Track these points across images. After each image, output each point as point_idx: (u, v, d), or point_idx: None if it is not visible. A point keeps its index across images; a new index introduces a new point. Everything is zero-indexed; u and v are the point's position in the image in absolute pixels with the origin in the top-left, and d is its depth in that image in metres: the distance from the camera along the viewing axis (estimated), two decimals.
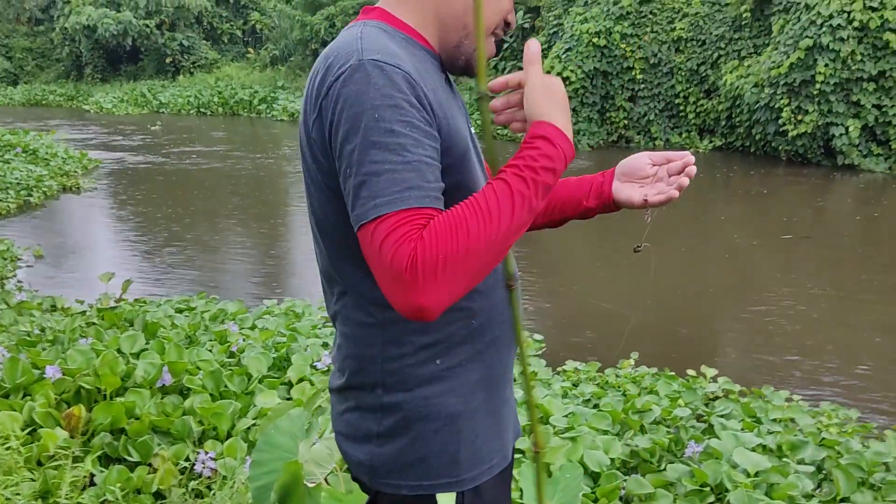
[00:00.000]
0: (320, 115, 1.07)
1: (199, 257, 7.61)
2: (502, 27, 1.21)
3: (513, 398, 1.33)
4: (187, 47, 28.07)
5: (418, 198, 0.99)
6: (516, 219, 1.01)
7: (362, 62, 1.03)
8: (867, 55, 11.79)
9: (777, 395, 3.71)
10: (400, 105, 1.01)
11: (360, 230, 1.01)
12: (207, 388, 3.16)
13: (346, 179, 1.04)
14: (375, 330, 1.14)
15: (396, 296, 0.98)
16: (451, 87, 1.24)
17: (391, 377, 1.15)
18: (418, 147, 1.01)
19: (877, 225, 9.10)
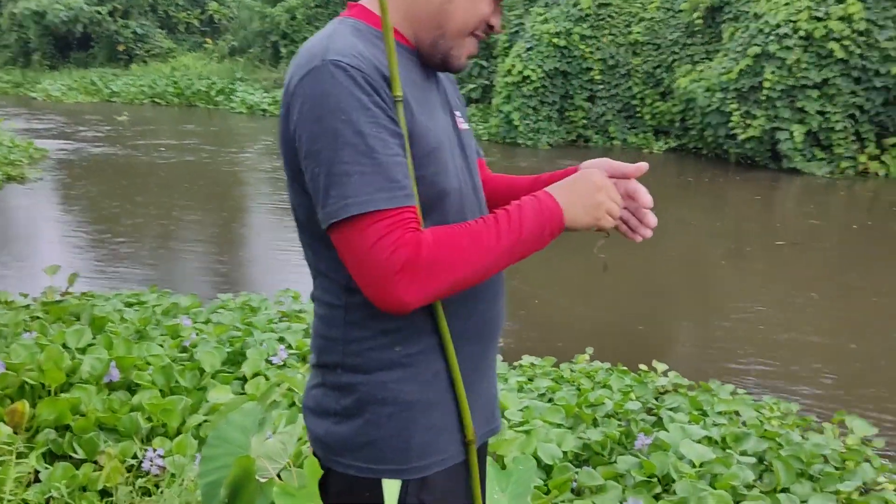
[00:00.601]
0: (288, 112, 1.11)
1: (152, 251, 7.47)
2: (483, 29, 1.22)
3: (489, 393, 1.32)
4: (141, 35, 27.43)
5: (388, 199, 1.04)
6: (502, 256, 1.10)
7: (325, 62, 1.06)
8: (812, 63, 12.15)
9: (723, 388, 3.81)
10: (366, 106, 1.04)
11: (332, 229, 1.07)
12: (157, 383, 3.11)
13: (313, 178, 1.07)
14: (340, 312, 1.17)
15: (380, 291, 1.05)
16: (435, 82, 1.26)
17: (351, 359, 1.18)
18: (386, 147, 1.05)
19: (820, 226, 9.39)
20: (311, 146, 1.06)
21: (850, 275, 7.16)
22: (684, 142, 14.56)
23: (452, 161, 1.21)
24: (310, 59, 1.09)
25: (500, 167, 12.93)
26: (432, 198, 1.14)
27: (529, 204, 1.13)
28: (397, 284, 1.03)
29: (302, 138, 1.07)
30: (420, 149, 1.12)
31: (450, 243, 1.06)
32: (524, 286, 6.42)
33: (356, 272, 1.07)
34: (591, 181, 1.17)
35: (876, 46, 12.03)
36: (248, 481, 1.73)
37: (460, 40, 1.20)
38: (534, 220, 1.11)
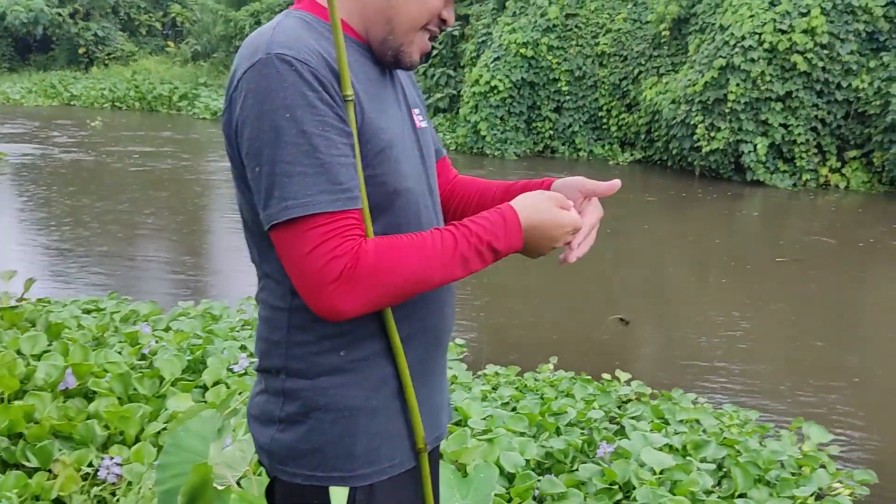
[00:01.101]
0: (230, 107, 1.07)
1: (112, 258, 7.33)
2: (437, 23, 1.18)
3: (440, 398, 1.30)
4: (102, 38, 27.01)
5: (331, 201, 1.01)
6: (447, 274, 1.08)
7: (270, 56, 1.02)
8: (776, 76, 12.41)
9: (685, 397, 3.86)
10: (312, 103, 1.01)
11: (273, 230, 1.04)
12: (115, 391, 3.04)
13: (255, 177, 1.04)
14: (284, 314, 1.14)
15: (313, 295, 1.03)
16: (390, 78, 1.22)
17: (294, 363, 1.15)
18: (331, 147, 1.02)
19: (784, 236, 9.58)
20: (254, 143, 1.02)
21: (811, 285, 7.31)
22: (650, 154, 14.76)
23: (407, 160, 1.17)
24: (254, 51, 1.04)
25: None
26: (383, 198, 1.11)
27: (490, 227, 1.10)
28: (332, 294, 1.01)
29: (244, 135, 1.03)
30: (371, 147, 1.09)
31: (391, 256, 1.04)
32: (488, 294, 6.43)
33: (293, 276, 1.05)
34: (561, 225, 1.15)
35: (838, 60, 12.35)
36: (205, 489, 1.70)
37: (411, 36, 1.16)
38: (488, 245, 1.09)
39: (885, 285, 7.60)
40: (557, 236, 1.15)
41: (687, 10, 14.35)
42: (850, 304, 6.83)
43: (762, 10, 12.40)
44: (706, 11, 13.93)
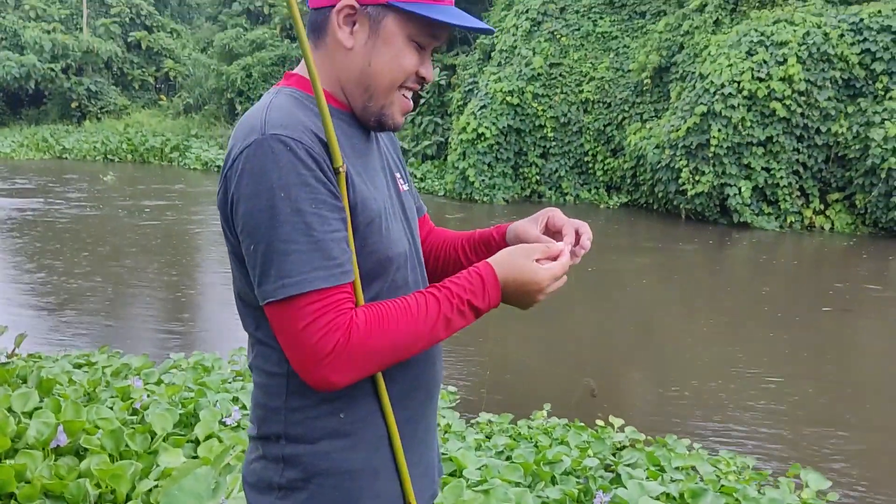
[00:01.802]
0: (225, 185, 1.09)
1: (103, 311, 7.30)
2: (415, 81, 1.20)
3: (433, 455, 1.32)
4: (95, 92, 27.32)
5: (325, 278, 1.04)
6: (433, 336, 1.11)
7: (265, 137, 1.05)
8: (756, 122, 12.68)
9: (679, 443, 3.84)
10: (306, 182, 1.04)
11: (269, 307, 1.06)
12: (106, 448, 3.01)
13: (251, 254, 1.07)
14: (281, 380, 1.15)
15: (307, 369, 1.06)
16: (374, 143, 1.26)
17: (294, 428, 1.15)
18: (324, 224, 1.05)
19: (772, 279, 9.66)
20: (249, 221, 1.05)
21: (802, 328, 7.35)
22: (636, 197, 14.94)
23: (395, 227, 1.21)
24: (249, 131, 1.07)
25: (457, 223, 13.06)
26: (375, 265, 1.15)
27: (469, 286, 1.13)
28: (326, 367, 1.04)
29: (240, 212, 1.06)
30: (362, 218, 1.12)
31: (381, 327, 1.06)
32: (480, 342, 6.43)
33: (287, 350, 1.07)
34: (535, 281, 1.16)
35: (816, 106, 12.64)
36: None
37: (390, 97, 1.18)
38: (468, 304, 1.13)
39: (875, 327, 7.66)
40: (535, 292, 1.17)
41: (667, 60, 14.71)
42: (842, 347, 6.87)
43: (740, 60, 12.73)
44: (686, 61, 14.28)
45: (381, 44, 1.14)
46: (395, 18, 1.14)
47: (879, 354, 6.70)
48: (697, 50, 14.07)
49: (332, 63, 1.17)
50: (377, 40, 1.14)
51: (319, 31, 1.17)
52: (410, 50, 1.16)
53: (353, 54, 1.15)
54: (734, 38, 13.15)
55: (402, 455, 1.19)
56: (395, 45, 1.15)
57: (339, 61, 1.17)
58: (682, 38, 14.59)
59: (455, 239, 1.46)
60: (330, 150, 1.08)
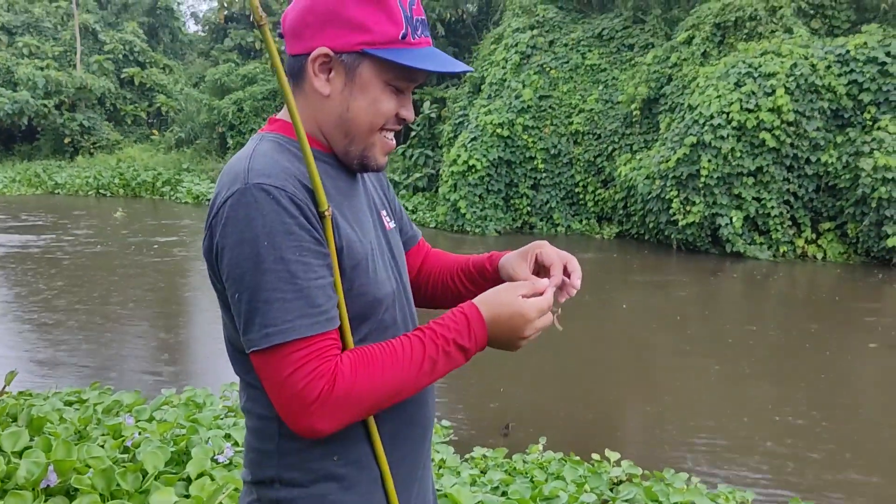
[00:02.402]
0: (210, 234, 1.09)
1: (94, 347, 7.24)
2: (395, 122, 1.20)
3: (426, 495, 1.31)
4: (88, 128, 27.41)
5: (309, 325, 1.04)
6: (420, 380, 1.10)
7: (248, 186, 1.05)
8: (745, 152, 12.81)
9: (677, 477, 3.81)
10: (289, 230, 1.04)
11: (254, 355, 1.06)
12: (97, 487, 2.97)
13: (236, 303, 1.06)
14: (273, 424, 1.14)
15: (292, 417, 1.05)
16: (360, 183, 1.26)
17: (288, 472, 1.14)
18: (308, 271, 1.05)
19: (766, 309, 9.68)
20: (234, 270, 1.05)
21: (799, 360, 7.35)
22: (627, 227, 15.01)
23: (382, 267, 1.21)
24: (233, 180, 1.07)
25: None
26: (364, 307, 1.15)
27: (454, 326, 1.12)
28: (311, 415, 1.03)
29: (224, 261, 1.06)
30: (349, 261, 1.12)
31: (366, 373, 1.06)
32: (474, 376, 6.40)
33: (272, 397, 1.06)
34: (523, 314, 1.15)
35: (805, 136, 12.79)
36: None
37: (371, 139, 1.18)
38: (454, 344, 1.12)
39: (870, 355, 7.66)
40: (522, 325, 1.16)
41: (656, 91, 14.89)
42: (839, 378, 6.86)
43: (728, 91, 12.90)
44: (674, 92, 14.46)
45: (358, 90, 1.14)
46: (371, 65, 1.13)
47: (880, 384, 6.69)
48: (686, 81, 14.26)
49: (311, 108, 1.18)
50: (353, 87, 1.14)
51: (297, 77, 1.18)
52: (388, 94, 1.16)
53: (331, 101, 1.16)
54: (722, 69, 13.34)
55: (395, 497, 1.18)
56: (372, 91, 1.15)
57: (317, 107, 1.17)
58: (671, 69, 14.79)
59: (452, 266, 1.46)
60: (315, 194, 1.08)
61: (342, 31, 1.11)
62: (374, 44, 1.11)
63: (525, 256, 1.32)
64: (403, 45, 1.13)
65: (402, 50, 1.12)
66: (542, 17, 17.45)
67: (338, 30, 1.11)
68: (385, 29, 1.11)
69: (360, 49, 1.12)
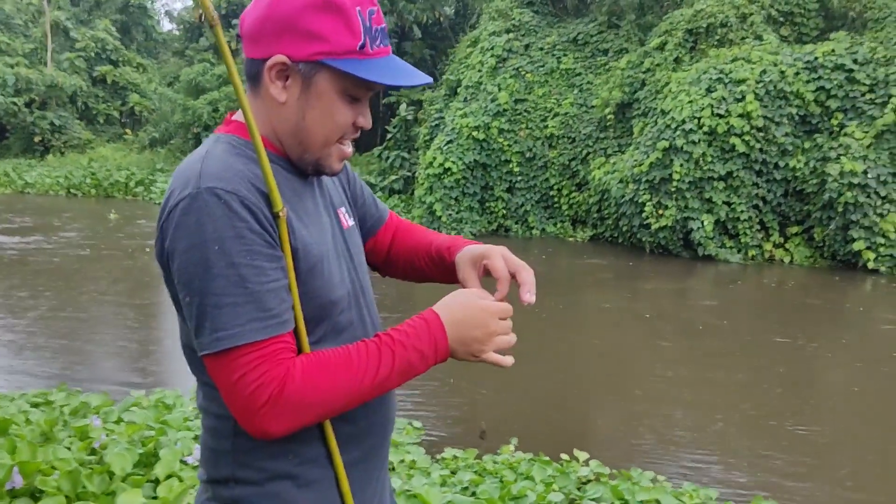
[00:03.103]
0: (161, 236, 1.09)
1: (61, 348, 7.15)
2: (352, 132, 1.19)
3: (383, 495, 1.31)
4: (59, 126, 27.03)
5: (259, 329, 1.04)
6: (377, 386, 1.09)
7: (199, 191, 1.04)
8: (716, 157, 13.00)
9: (643, 476, 3.87)
10: (240, 234, 1.04)
11: (206, 358, 1.06)
12: (63, 489, 2.95)
13: (187, 306, 1.06)
14: (229, 422, 1.14)
15: (244, 420, 1.06)
16: (315, 183, 1.25)
17: (242, 471, 1.14)
18: (260, 275, 1.05)
19: (735, 311, 9.82)
20: (184, 275, 1.05)
21: (765, 360, 7.47)
22: (601, 231, 15.14)
23: (339, 268, 1.21)
24: (185, 183, 1.07)
25: None
26: (319, 310, 1.15)
27: (414, 332, 1.12)
28: (262, 418, 1.04)
29: (175, 265, 1.06)
30: (304, 264, 1.12)
31: (318, 378, 1.06)
32: (448, 378, 6.43)
33: (225, 399, 1.07)
34: (487, 309, 1.15)
35: (773, 142, 13.02)
36: None
37: (327, 150, 1.18)
38: (414, 350, 1.11)
39: (836, 358, 7.81)
40: (482, 326, 1.14)
41: (629, 96, 15.06)
42: (804, 378, 6.99)
43: (699, 97, 13.09)
44: (648, 97, 14.64)
45: (314, 100, 1.14)
46: (328, 75, 1.13)
47: (841, 383, 6.83)
48: (659, 87, 14.44)
49: (267, 112, 1.17)
50: (310, 96, 1.14)
51: (254, 80, 1.17)
52: (344, 104, 1.15)
53: (287, 109, 1.15)
54: (694, 75, 13.53)
55: (350, 497, 1.18)
56: (327, 100, 1.14)
57: (273, 113, 1.16)
58: (644, 74, 14.97)
59: (419, 246, 1.46)
60: (270, 195, 1.08)
61: (300, 40, 1.11)
62: (331, 54, 1.11)
63: (475, 265, 1.32)
64: (361, 56, 1.12)
65: (359, 61, 1.12)
66: (518, 20, 17.57)
67: (295, 38, 1.11)
68: (343, 39, 1.11)
69: (317, 59, 1.11)
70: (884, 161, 12.25)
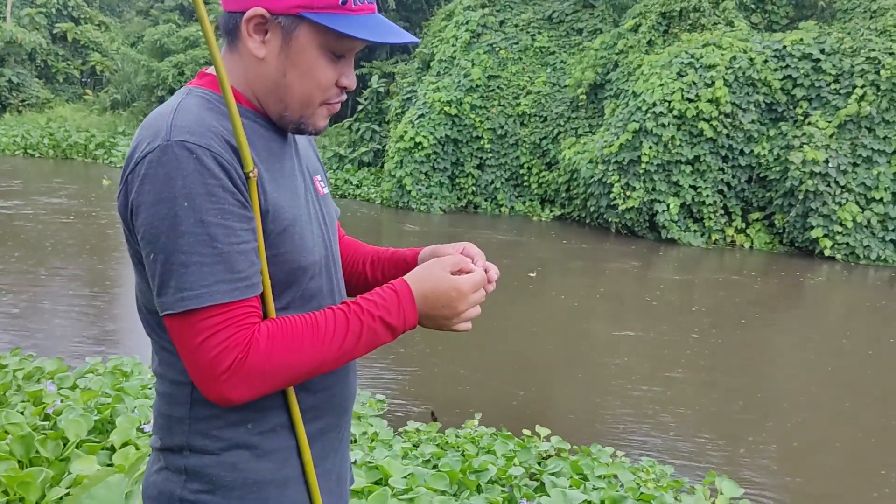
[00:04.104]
0: (126, 189, 1.04)
1: (15, 312, 6.98)
2: (337, 94, 1.14)
3: (343, 466, 1.28)
4: (16, 84, 26.18)
5: (227, 291, 1.00)
6: (342, 355, 1.07)
7: (170, 143, 0.99)
8: (685, 141, 13.12)
9: (603, 452, 3.92)
10: (211, 192, 0.99)
11: (168, 318, 1.02)
12: (16, 454, 2.87)
13: (150, 263, 1.02)
14: (186, 389, 1.10)
15: (204, 385, 1.02)
16: (292, 146, 1.20)
17: (198, 440, 1.10)
18: (230, 235, 1.00)
19: (695, 294, 9.97)
20: (149, 230, 1.00)
21: (722, 342, 7.61)
22: (569, 210, 15.22)
23: (311, 234, 1.16)
24: (154, 134, 1.02)
25: (393, 231, 13.02)
26: (288, 275, 1.11)
27: (382, 302, 1.09)
28: (223, 384, 1.00)
29: (140, 220, 1.01)
30: (274, 226, 1.08)
31: (283, 345, 1.02)
32: (415, 352, 6.42)
33: (185, 363, 1.02)
34: (457, 288, 1.13)
35: (740, 128, 13.17)
36: None
37: (309, 111, 1.13)
38: (381, 321, 1.09)
39: (789, 341, 7.99)
40: (456, 300, 1.13)
41: (602, 77, 15.08)
42: (759, 359, 7.13)
43: (671, 80, 13.15)
44: (620, 79, 14.67)
45: (295, 55, 1.09)
46: (309, 29, 1.08)
47: (793, 366, 6.99)
48: (631, 69, 14.48)
49: (244, 69, 1.12)
50: (290, 52, 1.08)
51: (231, 34, 1.12)
52: (326, 62, 1.10)
53: (266, 65, 1.10)
54: (666, 58, 13.58)
55: (311, 467, 1.15)
56: (309, 57, 1.09)
57: (251, 69, 1.11)
58: (617, 56, 14.99)
59: (364, 253, 1.42)
60: (240, 153, 1.03)
61: None
62: (312, 7, 1.06)
63: (452, 246, 1.29)
64: (344, 11, 1.07)
65: (342, 16, 1.07)
66: None
67: None
68: None
69: (297, 12, 1.06)
70: (845, 151, 12.49)
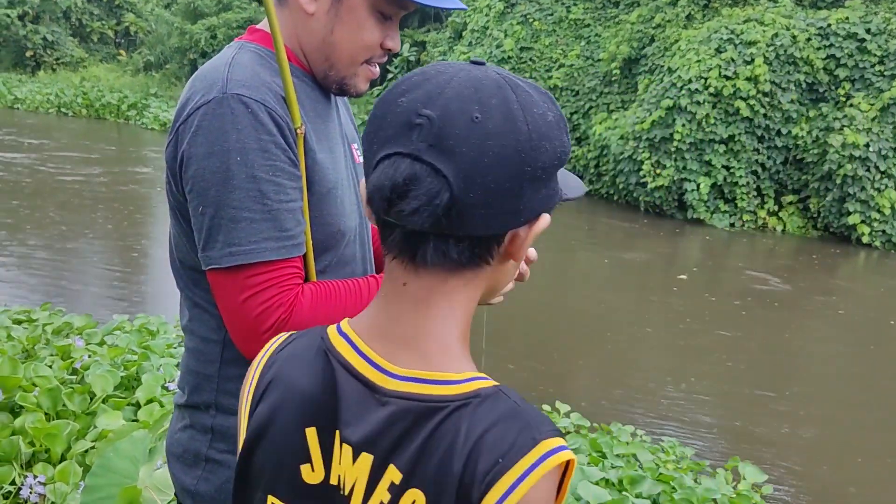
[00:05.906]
0: (176, 140, 1.03)
1: (47, 267, 7.09)
2: (380, 55, 1.14)
3: None
4: (51, 42, 26.38)
5: (275, 249, 0.99)
6: None
7: (226, 96, 0.99)
8: (720, 119, 12.85)
9: (623, 430, 3.90)
10: (265, 148, 0.98)
11: (212, 273, 1.01)
12: (43, 406, 2.93)
13: (198, 216, 1.00)
14: (217, 347, 1.10)
15: (244, 343, 1.01)
16: (335, 111, 1.20)
17: (226, 399, 1.10)
18: (280, 193, 1.00)
19: (722, 276, 9.84)
20: (199, 182, 0.99)
21: (750, 326, 7.51)
22: (598, 187, 15.05)
23: (350, 199, 1.16)
24: (209, 87, 1.01)
25: None
26: (328, 237, 1.10)
27: None
28: (263, 343, 0.96)
29: (190, 172, 1.00)
30: (319, 187, 1.07)
31: (327, 310, 1.01)
32: None
33: (226, 319, 1.02)
34: None
35: (778, 108, 12.86)
36: None
37: (353, 69, 1.13)
38: None
39: (817, 327, 7.86)
40: None
41: (637, 52, 14.79)
42: (787, 345, 7.04)
43: (708, 56, 12.86)
44: (655, 54, 14.37)
45: (345, 13, 1.08)
46: None
47: (821, 354, 6.89)
48: (668, 44, 14.17)
49: (294, 24, 1.11)
50: (340, 8, 1.08)
51: None
52: (374, 22, 1.09)
53: (315, 21, 1.09)
54: (705, 34, 13.27)
55: None
56: (358, 15, 1.08)
57: (300, 25, 1.10)
58: (654, 30, 14.68)
59: None
60: (290, 109, 1.02)
61: None
62: None
63: None
64: None
65: None
66: None
67: None
68: None
69: None
70: (887, 135, 12.16)
